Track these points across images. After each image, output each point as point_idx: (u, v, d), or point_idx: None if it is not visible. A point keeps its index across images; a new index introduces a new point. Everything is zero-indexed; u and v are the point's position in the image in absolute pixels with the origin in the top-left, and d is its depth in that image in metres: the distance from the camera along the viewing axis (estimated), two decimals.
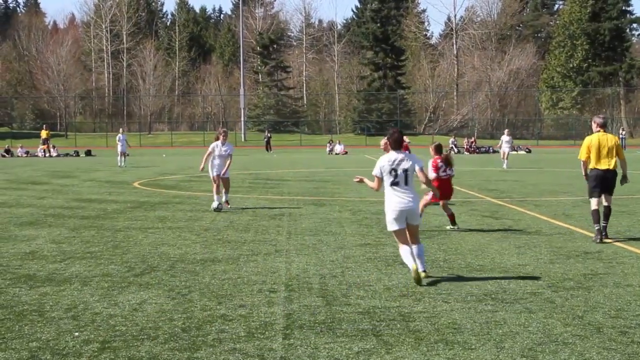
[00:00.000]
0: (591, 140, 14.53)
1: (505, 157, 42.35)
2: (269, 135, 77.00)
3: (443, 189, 16.06)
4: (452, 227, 16.09)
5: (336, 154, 69.14)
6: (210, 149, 20.32)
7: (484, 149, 72.86)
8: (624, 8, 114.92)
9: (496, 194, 24.64)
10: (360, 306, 9.07)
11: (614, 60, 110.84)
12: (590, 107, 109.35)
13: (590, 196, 14.63)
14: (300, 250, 13.22)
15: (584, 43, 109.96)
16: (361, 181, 11.44)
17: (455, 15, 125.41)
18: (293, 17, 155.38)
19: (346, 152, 69.49)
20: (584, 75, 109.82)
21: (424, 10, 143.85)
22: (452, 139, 70.86)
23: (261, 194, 25.09)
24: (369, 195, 23.48)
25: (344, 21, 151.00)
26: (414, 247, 10.75)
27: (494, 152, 70.02)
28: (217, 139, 20.47)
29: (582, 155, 14.64)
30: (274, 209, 20.17)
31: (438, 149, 16.73)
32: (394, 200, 10.64)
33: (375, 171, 10.91)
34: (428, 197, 15.93)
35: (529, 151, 70.58)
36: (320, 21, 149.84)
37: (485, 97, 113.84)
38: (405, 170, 10.71)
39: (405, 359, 7.10)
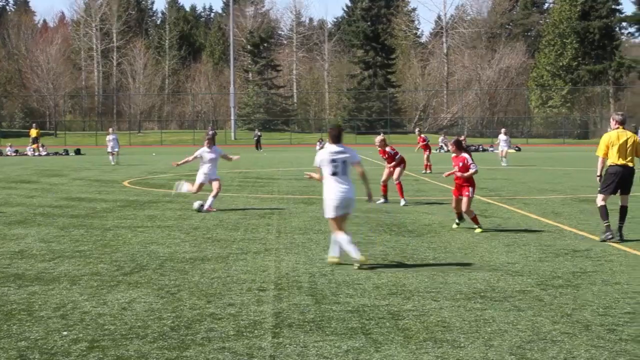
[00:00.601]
0: (610, 137, 14.24)
1: (504, 155, 43.20)
2: (259, 133, 76.96)
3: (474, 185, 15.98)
4: (480, 229, 15.59)
5: None
6: (197, 154, 20.10)
7: (473, 147, 72.87)
8: (613, 7, 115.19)
9: (485, 192, 24.66)
10: (349, 305, 9.08)
11: (603, 58, 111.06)
12: (579, 106, 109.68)
13: (601, 192, 14.34)
14: (289, 249, 13.22)
15: (574, 41, 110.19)
16: (312, 177, 12.46)
17: (445, 14, 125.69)
18: (283, 16, 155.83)
19: None
20: (574, 74, 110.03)
21: (414, 9, 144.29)
22: (441, 137, 70.66)
23: (251, 192, 25.08)
24: (358, 195, 23.50)
25: (335, 20, 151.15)
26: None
27: (484, 150, 70.17)
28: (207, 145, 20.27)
29: (600, 152, 14.33)
30: (263, 208, 20.17)
31: (459, 145, 16.17)
32: (334, 190, 11.55)
33: (316, 162, 11.86)
34: (469, 194, 15.70)
35: (519, 149, 70.67)
36: (310, 20, 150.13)
37: (475, 96, 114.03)
38: (344, 162, 11.61)
39: (394, 357, 7.11)
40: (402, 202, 20.86)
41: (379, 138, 22.20)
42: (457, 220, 16.14)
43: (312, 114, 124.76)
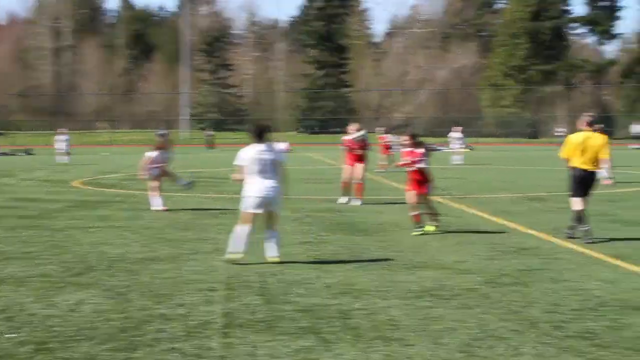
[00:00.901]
0: (573, 138, 13.91)
1: (458, 153, 43.56)
2: (211, 133, 76.66)
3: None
4: (433, 227, 15.24)
5: None
6: (153, 157, 19.78)
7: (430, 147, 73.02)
8: (563, 7, 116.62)
9: (437, 191, 24.77)
10: (299, 304, 9.08)
11: (554, 59, 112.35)
12: (530, 106, 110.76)
13: (572, 196, 14.13)
14: None
15: (526, 42, 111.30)
16: (238, 181, 12.05)
17: (399, 14, 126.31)
18: (237, 15, 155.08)
19: (291, 150, 69.25)
20: (525, 74, 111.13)
21: (368, 9, 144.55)
22: (391, 136, 70.33)
23: (203, 192, 24.96)
24: (310, 194, 23.54)
25: (290, 19, 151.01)
26: (271, 233, 11.62)
27: (434, 150, 70.45)
28: (159, 147, 19.93)
29: (563, 153, 14.09)
30: (215, 208, 20.06)
31: (416, 139, 15.46)
32: (259, 188, 11.44)
33: (239, 161, 11.69)
34: (428, 190, 15.33)
35: (471, 149, 71.16)
36: (264, 19, 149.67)
37: (428, 96, 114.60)
38: (271, 160, 11.53)
39: (343, 356, 7.13)
40: (359, 202, 20.81)
41: (354, 125, 21.85)
42: (420, 227, 15.09)
43: (266, 114, 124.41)
